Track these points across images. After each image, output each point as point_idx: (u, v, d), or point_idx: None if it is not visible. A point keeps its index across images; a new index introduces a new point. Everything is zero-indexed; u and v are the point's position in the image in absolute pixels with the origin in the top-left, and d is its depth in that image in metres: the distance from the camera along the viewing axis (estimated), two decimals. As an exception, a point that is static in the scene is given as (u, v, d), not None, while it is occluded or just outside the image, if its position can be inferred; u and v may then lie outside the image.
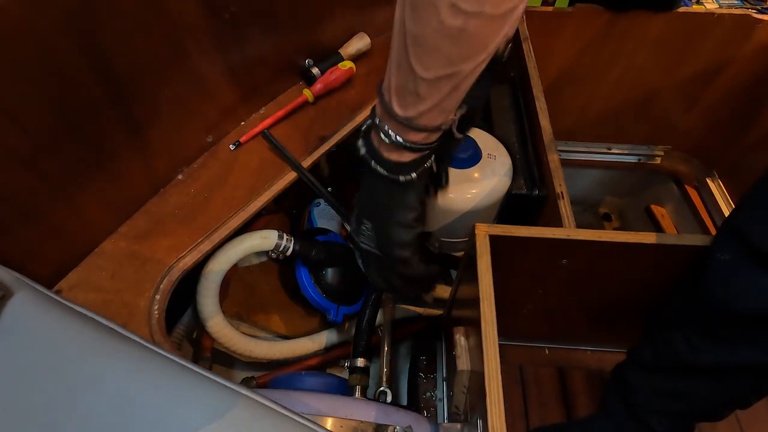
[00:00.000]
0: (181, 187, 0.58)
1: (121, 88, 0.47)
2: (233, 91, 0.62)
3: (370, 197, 0.46)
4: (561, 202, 0.61)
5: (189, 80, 0.55)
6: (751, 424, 0.76)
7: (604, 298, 0.67)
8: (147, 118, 0.52)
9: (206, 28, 0.53)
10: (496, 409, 0.40)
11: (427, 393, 0.81)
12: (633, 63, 1.01)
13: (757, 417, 0.77)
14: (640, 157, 1.21)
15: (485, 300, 0.47)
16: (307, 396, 0.49)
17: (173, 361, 0.30)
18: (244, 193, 0.58)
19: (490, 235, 0.52)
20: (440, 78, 0.34)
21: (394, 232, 0.45)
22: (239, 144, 0.62)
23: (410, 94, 0.36)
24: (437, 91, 0.35)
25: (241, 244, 0.59)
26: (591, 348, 0.87)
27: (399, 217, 0.45)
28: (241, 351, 0.64)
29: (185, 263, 0.52)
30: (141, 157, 0.53)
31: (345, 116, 0.69)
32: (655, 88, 1.06)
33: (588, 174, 1.30)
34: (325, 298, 0.71)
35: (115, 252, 0.51)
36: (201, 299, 0.59)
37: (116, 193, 0.52)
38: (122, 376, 0.28)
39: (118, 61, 0.46)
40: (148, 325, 0.46)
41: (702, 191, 1.13)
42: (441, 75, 0.34)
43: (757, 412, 0.71)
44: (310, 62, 0.71)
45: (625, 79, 1.05)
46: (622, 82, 1.05)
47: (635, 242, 0.51)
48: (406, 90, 0.36)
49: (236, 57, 0.59)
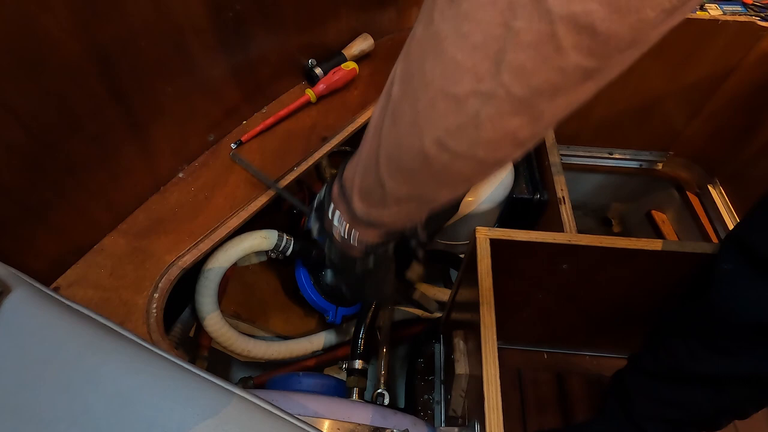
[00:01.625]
0: (182, 185, 0.58)
1: (123, 85, 0.47)
2: (235, 90, 0.62)
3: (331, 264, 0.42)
4: (562, 206, 0.61)
5: (192, 79, 0.55)
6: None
7: (603, 303, 0.67)
8: (149, 115, 0.51)
9: (210, 27, 0.53)
10: (495, 415, 0.40)
11: (424, 396, 0.80)
12: (636, 68, 1.00)
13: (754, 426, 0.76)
14: (641, 162, 1.21)
15: (485, 304, 0.47)
16: (304, 397, 0.49)
17: (169, 360, 0.30)
18: (244, 192, 0.58)
19: (491, 239, 0.52)
20: (411, 197, 0.30)
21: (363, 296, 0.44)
22: (241, 143, 0.62)
23: (375, 198, 0.32)
24: (405, 205, 0.31)
25: (241, 243, 0.59)
26: (590, 353, 0.87)
27: (365, 286, 0.43)
28: (239, 350, 0.64)
29: (184, 262, 0.52)
30: (142, 155, 0.53)
31: (347, 117, 0.69)
32: (658, 94, 1.06)
33: (589, 178, 1.29)
34: (324, 298, 0.71)
35: (115, 249, 0.51)
36: (200, 298, 0.59)
37: (117, 191, 0.52)
38: (117, 374, 0.27)
39: (122, 58, 0.45)
40: (146, 323, 0.46)
41: (703, 198, 1.13)
42: (413, 195, 0.30)
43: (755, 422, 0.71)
44: (313, 62, 0.70)
45: (628, 84, 1.04)
46: (625, 87, 1.05)
47: (637, 248, 0.51)
48: (372, 194, 0.32)
49: (239, 56, 0.59)
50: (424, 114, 0.24)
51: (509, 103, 0.21)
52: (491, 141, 0.23)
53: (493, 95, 0.21)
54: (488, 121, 0.22)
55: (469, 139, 0.23)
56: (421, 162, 0.26)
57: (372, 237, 0.35)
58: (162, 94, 0.52)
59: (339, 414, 0.46)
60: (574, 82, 0.20)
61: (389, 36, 0.82)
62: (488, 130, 0.23)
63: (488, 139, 0.23)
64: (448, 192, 0.29)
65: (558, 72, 0.19)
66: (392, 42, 0.81)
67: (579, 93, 0.21)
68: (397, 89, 0.25)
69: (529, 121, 0.22)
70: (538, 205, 0.68)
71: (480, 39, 0.20)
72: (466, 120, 0.23)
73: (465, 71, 0.21)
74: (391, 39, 0.82)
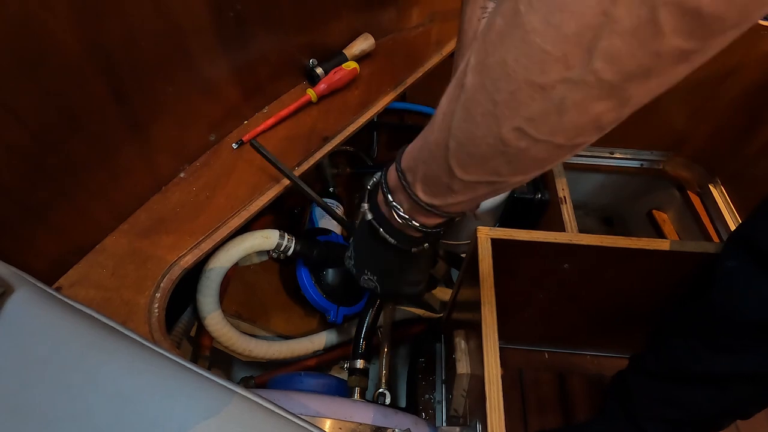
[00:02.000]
0: (183, 185, 0.58)
1: (124, 85, 0.47)
2: (236, 89, 0.62)
3: (373, 257, 0.43)
4: (563, 206, 0.61)
5: (192, 78, 0.55)
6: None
7: (605, 303, 0.67)
8: (150, 115, 0.51)
9: (210, 27, 0.53)
10: (496, 414, 0.40)
11: (426, 395, 0.80)
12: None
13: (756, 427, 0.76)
14: (642, 162, 1.20)
15: (486, 304, 0.47)
16: (306, 397, 0.49)
17: (171, 359, 0.30)
18: (246, 192, 0.58)
19: (492, 239, 0.52)
20: (480, 183, 0.30)
21: (400, 288, 0.44)
22: (242, 143, 0.62)
23: (441, 186, 0.32)
24: (473, 191, 0.31)
25: (243, 243, 0.59)
26: (591, 353, 0.87)
27: (407, 277, 0.43)
28: (240, 350, 0.64)
29: (186, 262, 0.52)
30: (143, 155, 0.53)
31: (348, 117, 0.69)
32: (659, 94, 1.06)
33: (590, 178, 1.29)
34: (325, 298, 0.71)
35: (116, 249, 0.51)
36: (201, 297, 0.59)
37: (118, 190, 0.52)
38: (119, 374, 0.27)
39: (122, 58, 0.45)
40: (147, 323, 0.46)
41: (704, 198, 1.13)
42: (482, 181, 0.30)
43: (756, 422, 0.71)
44: (314, 62, 0.70)
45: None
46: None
47: (638, 248, 0.51)
48: (437, 182, 0.32)
49: (240, 56, 0.59)
50: (504, 103, 0.24)
51: (598, 89, 0.21)
52: (574, 126, 0.23)
53: (581, 82, 0.21)
54: (573, 108, 0.22)
55: (551, 125, 0.23)
56: (496, 150, 0.26)
57: (432, 221, 0.36)
58: (163, 94, 0.52)
59: (341, 413, 0.46)
60: (668, 64, 0.20)
61: (390, 35, 0.82)
62: (572, 115, 0.23)
63: (571, 124, 0.23)
64: (520, 177, 0.29)
65: (653, 56, 0.19)
66: (393, 41, 0.81)
67: (671, 75, 0.21)
68: (472, 80, 0.25)
69: (616, 106, 0.22)
70: (540, 205, 0.68)
71: (573, 29, 0.20)
72: (549, 107, 0.22)
73: (554, 61, 0.21)
74: (392, 38, 0.82)
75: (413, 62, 0.78)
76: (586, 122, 0.23)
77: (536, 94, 0.22)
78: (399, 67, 0.77)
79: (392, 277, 0.44)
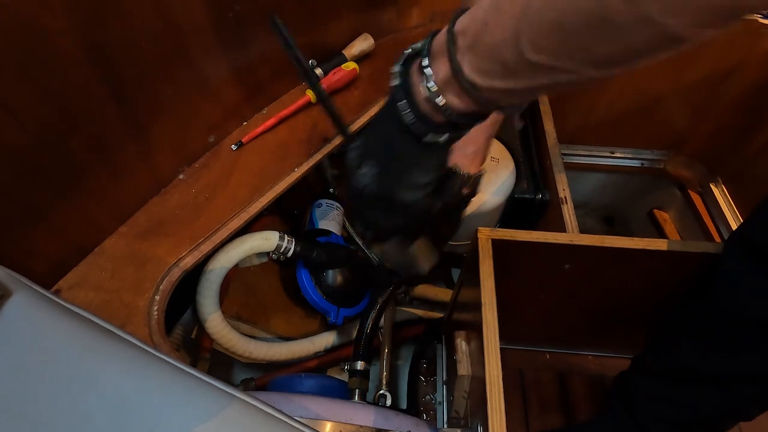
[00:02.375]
0: (183, 186, 0.58)
1: (124, 86, 0.47)
2: (236, 90, 0.62)
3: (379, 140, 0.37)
4: (564, 206, 0.61)
5: (192, 79, 0.54)
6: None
7: (606, 303, 0.67)
8: (149, 116, 0.51)
9: (210, 27, 0.53)
10: (497, 416, 0.40)
11: (426, 396, 0.80)
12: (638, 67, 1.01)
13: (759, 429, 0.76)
14: (643, 161, 1.20)
15: (487, 305, 0.47)
16: (306, 399, 0.49)
17: (169, 363, 0.29)
18: (245, 193, 0.58)
19: (493, 240, 0.52)
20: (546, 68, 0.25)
21: (397, 190, 0.37)
22: (241, 144, 0.62)
23: (496, 60, 0.27)
24: (530, 77, 0.26)
25: (242, 244, 0.59)
26: (592, 353, 0.86)
27: (409, 176, 0.37)
28: (241, 352, 0.64)
29: (185, 263, 0.52)
30: (143, 156, 0.53)
31: (348, 117, 0.68)
32: (659, 93, 1.05)
33: (590, 177, 1.29)
34: (325, 299, 0.70)
35: (116, 251, 0.51)
36: (201, 299, 0.59)
37: (117, 192, 0.51)
38: (118, 377, 0.27)
39: (122, 59, 0.45)
40: (147, 325, 0.46)
41: (705, 197, 1.13)
42: (550, 65, 0.25)
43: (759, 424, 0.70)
44: (314, 63, 0.70)
45: (630, 83, 1.04)
46: (626, 86, 1.05)
47: (639, 248, 0.51)
48: (493, 54, 0.27)
49: (239, 57, 0.59)
50: None
51: None
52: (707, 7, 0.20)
53: None
54: None
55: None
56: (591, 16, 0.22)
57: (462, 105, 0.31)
58: (162, 95, 0.52)
59: (341, 416, 0.46)
60: None
61: (390, 36, 0.81)
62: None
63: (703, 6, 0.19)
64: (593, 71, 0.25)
65: None
66: (393, 42, 0.81)
67: None
68: None
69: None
70: (540, 205, 0.68)
71: None
72: None
73: None
74: (392, 39, 0.81)
75: (413, 62, 0.78)
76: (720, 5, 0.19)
77: None
78: (399, 67, 0.77)
79: (392, 173, 0.37)
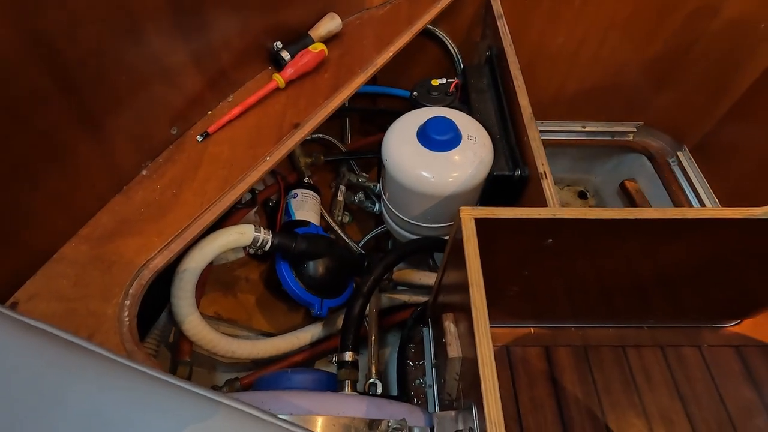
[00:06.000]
0: (147, 183, 0.54)
1: (70, 75, 0.43)
2: (198, 78, 0.58)
3: None
4: (544, 181, 0.60)
5: (148, 66, 0.50)
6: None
7: (588, 275, 0.67)
8: (103, 109, 0.47)
9: (164, 9, 0.49)
10: (492, 397, 0.39)
11: (416, 381, 0.80)
12: (604, 41, 1.01)
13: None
14: (613, 134, 1.22)
15: (474, 285, 0.46)
16: (295, 396, 0.47)
17: (144, 372, 0.27)
18: (215, 186, 0.55)
19: (476, 219, 0.51)
20: None
21: None
22: (207, 135, 0.59)
23: None
24: None
25: (216, 240, 0.56)
26: (575, 324, 0.88)
27: None
28: (223, 353, 0.61)
29: (156, 264, 0.48)
30: (99, 152, 0.49)
31: (319, 101, 0.66)
32: (626, 66, 1.07)
33: (563, 153, 1.31)
34: (308, 292, 0.68)
35: (77, 256, 0.47)
36: (176, 301, 0.56)
37: (74, 192, 0.48)
38: (85, 393, 0.25)
39: (66, 46, 0.41)
40: (118, 333, 0.43)
41: (674, 166, 1.16)
42: None
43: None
44: (279, 45, 0.67)
45: (598, 57, 1.05)
46: (594, 60, 1.06)
47: (621, 218, 0.51)
48: None
49: (199, 41, 0.55)
50: None
51: None
52: None
53: None
54: None
55: None
56: None
57: None
58: (116, 84, 0.48)
59: (332, 409, 0.45)
60: None
61: (357, 14, 0.79)
62: None
63: None
64: None
65: None
66: (361, 21, 0.78)
67: None
68: None
69: None
70: (520, 182, 0.68)
71: None
72: None
73: None
74: (360, 18, 0.79)
75: (383, 42, 0.75)
76: None
77: None
78: (368, 47, 0.74)
79: None
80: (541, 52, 1.00)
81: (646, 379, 0.79)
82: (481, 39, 0.95)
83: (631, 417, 0.75)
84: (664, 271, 0.63)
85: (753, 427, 0.75)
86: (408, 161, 0.66)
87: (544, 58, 1.03)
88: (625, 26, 0.98)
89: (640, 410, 0.76)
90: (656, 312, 0.78)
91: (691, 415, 0.75)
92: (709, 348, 0.82)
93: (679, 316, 0.81)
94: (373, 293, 0.74)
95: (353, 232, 1.01)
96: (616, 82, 1.10)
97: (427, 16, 0.81)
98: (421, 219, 0.73)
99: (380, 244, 1.03)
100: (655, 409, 0.75)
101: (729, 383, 0.79)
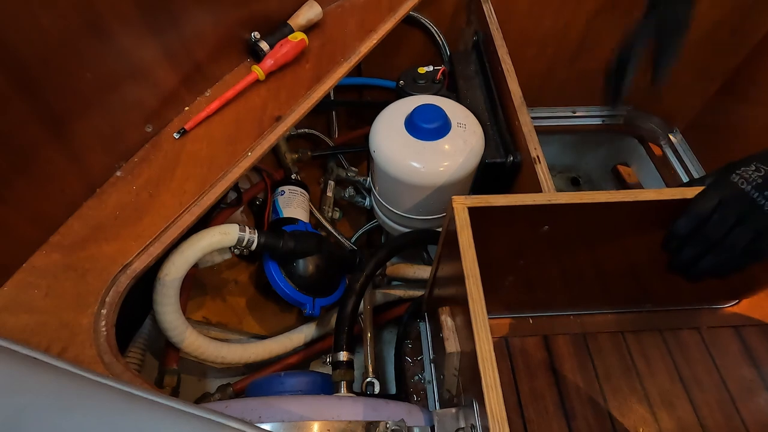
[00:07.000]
0: (121, 184, 0.51)
1: (29, 74, 0.40)
2: (171, 72, 0.55)
3: None
4: (538, 166, 0.59)
5: (115, 62, 0.47)
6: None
7: (585, 261, 0.66)
8: (68, 108, 0.44)
9: (130, 2, 0.46)
10: (493, 393, 0.37)
11: (415, 377, 0.78)
12: (591, 25, 1.00)
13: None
14: (603, 118, 1.21)
15: (471, 277, 0.44)
16: (289, 401, 0.45)
17: (115, 388, 0.25)
18: (195, 185, 0.52)
19: (469, 208, 0.49)
20: None
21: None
22: (184, 132, 0.56)
23: None
24: None
25: (199, 242, 0.54)
26: (573, 312, 0.87)
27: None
28: (213, 358, 0.59)
29: (134, 269, 0.46)
30: (67, 154, 0.46)
31: (300, 93, 0.63)
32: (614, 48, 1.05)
33: (553, 140, 1.29)
34: (298, 291, 0.66)
35: (48, 265, 0.44)
36: (159, 308, 0.53)
37: (41, 197, 0.45)
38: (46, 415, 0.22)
39: (21, 42, 0.38)
40: (94, 344, 0.40)
41: (665, 148, 1.15)
42: None
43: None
44: (257, 36, 0.64)
45: (586, 42, 1.03)
46: (582, 45, 1.04)
47: (620, 201, 0.50)
48: None
49: (171, 33, 0.52)
50: None
51: None
52: None
53: None
54: None
55: None
56: None
57: None
58: (81, 82, 0.45)
59: (327, 414, 0.43)
60: None
61: (338, 2, 0.76)
62: None
63: None
64: None
65: None
66: (341, 8, 0.75)
67: None
68: None
69: None
70: (512, 168, 0.66)
71: None
72: None
73: None
74: (340, 5, 0.76)
75: (366, 30, 0.73)
76: None
77: None
78: (351, 36, 0.72)
79: None
80: (528, 36, 0.98)
81: (646, 363, 0.78)
82: (466, 24, 0.92)
83: (633, 402, 0.74)
84: (662, 253, 0.62)
85: (754, 406, 0.74)
86: (396, 152, 0.64)
87: (532, 43, 1.01)
88: (611, 7, 0.97)
89: (641, 395, 0.75)
90: (654, 295, 0.77)
91: (692, 397, 0.75)
92: (708, 329, 0.81)
93: (677, 298, 0.80)
94: (367, 289, 0.72)
95: (345, 229, 0.99)
96: (605, 66, 1.09)
97: (410, 1, 0.78)
98: (412, 211, 0.71)
99: (373, 240, 1.01)
100: (656, 393, 0.75)
101: (729, 363, 0.78)
